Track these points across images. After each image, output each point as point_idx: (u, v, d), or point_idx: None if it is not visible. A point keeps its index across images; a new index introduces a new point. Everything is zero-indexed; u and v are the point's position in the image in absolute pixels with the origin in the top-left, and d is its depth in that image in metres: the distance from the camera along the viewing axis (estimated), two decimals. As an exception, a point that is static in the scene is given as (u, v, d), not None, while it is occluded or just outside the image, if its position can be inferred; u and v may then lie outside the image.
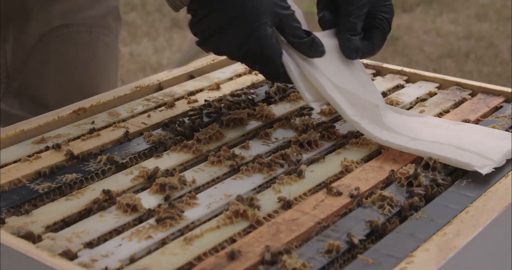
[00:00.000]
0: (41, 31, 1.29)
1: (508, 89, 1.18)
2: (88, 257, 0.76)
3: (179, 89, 1.22)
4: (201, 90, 1.23)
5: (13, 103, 1.37)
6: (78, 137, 1.05)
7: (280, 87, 1.21)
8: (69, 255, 0.77)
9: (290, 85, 1.22)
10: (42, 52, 1.31)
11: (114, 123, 1.10)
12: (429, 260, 0.74)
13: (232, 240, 0.80)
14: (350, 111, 1.02)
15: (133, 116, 1.13)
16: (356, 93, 1.02)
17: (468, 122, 1.08)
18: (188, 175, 0.93)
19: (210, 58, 1.34)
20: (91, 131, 1.06)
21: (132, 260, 0.77)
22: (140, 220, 0.85)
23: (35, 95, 1.35)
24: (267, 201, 0.87)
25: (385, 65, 1.31)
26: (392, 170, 0.93)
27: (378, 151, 1.01)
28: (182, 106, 1.15)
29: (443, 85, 1.24)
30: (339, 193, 0.88)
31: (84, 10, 1.33)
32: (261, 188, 0.92)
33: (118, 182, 0.92)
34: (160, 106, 1.16)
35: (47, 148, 1.01)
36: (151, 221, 0.83)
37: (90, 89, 1.34)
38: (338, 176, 0.94)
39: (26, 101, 1.36)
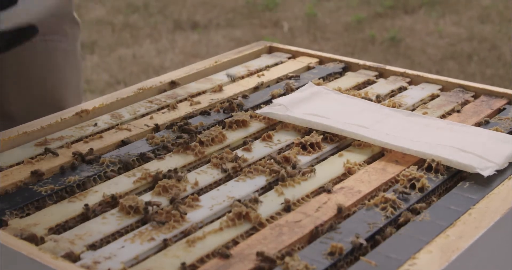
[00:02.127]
0: None
1: (511, 91, 1.18)
2: (91, 259, 0.76)
3: (181, 91, 1.22)
4: (203, 92, 1.23)
5: None
6: (81, 139, 1.05)
7: (284, 90, 1.21)
8: (72, 257, 0.77)
9: (295, 86, 1.22)
10: (1, 64, 1.29)
11: (117, 125, 1.10)
12: (432, 262, 0.74)
13: (234, 242, 0.80)
14: (343, 127, 1.04)
15: (135, 118, 1.13)
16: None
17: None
18: (191, 177, 0.93)
19: (213, 60, 1.34)
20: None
21: (135, 262, 0.77)
22: (142, 222, 0.85)
23: (1, 108, 1.33)
24: (270, 202, 0.87)
25: (388, 67, 1.30)
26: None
27: (380, 153, 1.00)
28: (184, 108, 1.15)
29: (446, 87, 1.24)
30: (328, 191, 0.89)
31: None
32: (263, 190, 0.92)
33: (121, 184, 0.92)
34: (162, 108, 1.16)
35: (45, 152, 1.00)
36: (154, 223, 0.83)
37: (52, 98, 1.31)
38: (341, 178, 0.94)
39: None
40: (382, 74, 1.30)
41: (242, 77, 1.29)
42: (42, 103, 1.27)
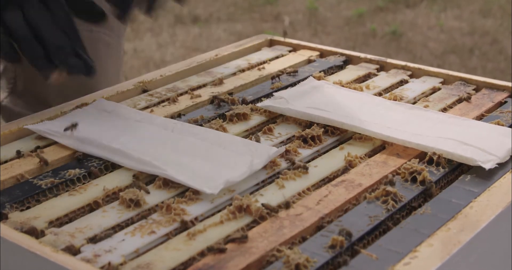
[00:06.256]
0: None
1: (513, 84, 1.18)
2: (91, 252, 0.76)
3: (182, 84, 1.22)
4: (204, 85, 1.22)
5: (18, 103, 1.37)
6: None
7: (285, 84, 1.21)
8: (72, 251, 0.77)
9: (295, 80, 1.22)
10: None
11: (117, 118, 1.09)
12: (433, 256, 0.74)
13: (235, 235, 0.80)
14: (344, 120, 1.03)
15: (136, 112, 1.12)
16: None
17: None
18: (191, 170, 0.93)
19: (213, 53, 1.34)
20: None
21: (135, 255, 0.77)
22: (143, 215, 0.84)
23: (39, 95, 1.35)
24: (271, 196, 0.87)
25: (389, 60, 1.30)
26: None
27: (382, 146, 1.00)
28: (185, 101, 1.15)
29: (447, 80, 1.23)
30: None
31: None
32: (264, 183, 0.91)
33: (121, 177, 0.92)
34: (163, 101, 1.16)
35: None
36: (154, 216, 0.83)
37: (91, 89, 1.34)
38: (342, 171, 0.93)
39: (30, 101, 1.36)
40: (383, 67, 1.30)
41: (243, 70, 1.29)
42: (79, 92, 1.28)
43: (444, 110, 1.12)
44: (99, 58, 1.36)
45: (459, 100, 1.15)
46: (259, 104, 1.11)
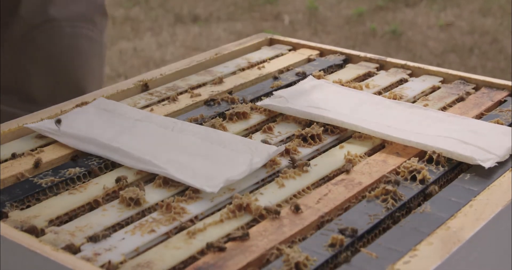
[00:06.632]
0: (25, 27, 1.28)
1: (512, 83, 1.18)
2: (91, 251, 0.76)
3: (182, 83, 1.22)
4: (204, 84, 1.22)
5: (3, 100, 1.37)
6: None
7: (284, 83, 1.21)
8: (72, 249, 0.77)
9: (295, 80, 1.22)
10: (28, 48, 1.30)
11: (117, 117, 1.09)
12: (433, 254, 0.74)
13: (235, 234, 0.80)
14: (344, 118, 1.03)
15: (136, 111, 1.12)
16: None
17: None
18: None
19: (213, 52, 1.33)
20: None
21: (135, 254, 0.77)
22: (143, 214, 0.85)
23: (24, 91, 1.35)
24: (271, 194, 0.87)
25: (388, 59, 1.30)
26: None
27: (381, 145, 1.00)
28: (185, 100, 1.15)
29: (446, 79, 1.23)
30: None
31: (67, 5, 1.32)
32: (264, 182, 0.92)
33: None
34: (163, 100, 1.16)
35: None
36: (154, 215, 0.83)
37: (75, 83, 1.34)
38: (341, 170, 0.93)
39: (15, 98, 1.36)
40: (383, 66, 1.30)
41: (243, 69, 1.29)
42: (63, 87, 1.28)
43: (443, 109, 1.12)
44: (83, 54, 1.37)
45: (459, 99, 1.15)
46: (259, 103, 1.11)
